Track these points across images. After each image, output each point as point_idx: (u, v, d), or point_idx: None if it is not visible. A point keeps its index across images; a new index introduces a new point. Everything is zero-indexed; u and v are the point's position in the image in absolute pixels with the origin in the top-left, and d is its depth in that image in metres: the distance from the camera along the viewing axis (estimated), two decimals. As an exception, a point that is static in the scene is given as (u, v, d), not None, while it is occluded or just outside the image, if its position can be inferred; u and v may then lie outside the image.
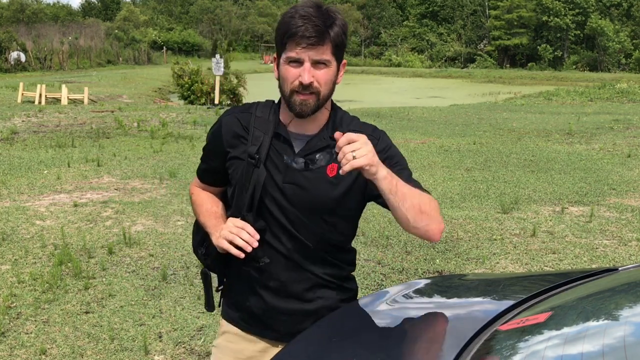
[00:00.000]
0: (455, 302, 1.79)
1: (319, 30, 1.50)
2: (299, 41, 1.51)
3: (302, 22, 1.50)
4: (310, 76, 1.53)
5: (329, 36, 1.52)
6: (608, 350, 1.13)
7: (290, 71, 1.54)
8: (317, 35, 1.50)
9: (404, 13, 65.54)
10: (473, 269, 4.78)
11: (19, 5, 60.82)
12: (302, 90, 1.54)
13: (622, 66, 48.72)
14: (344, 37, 1.57)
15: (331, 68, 1.56)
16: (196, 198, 1.83)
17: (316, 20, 1.50)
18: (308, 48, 1.51)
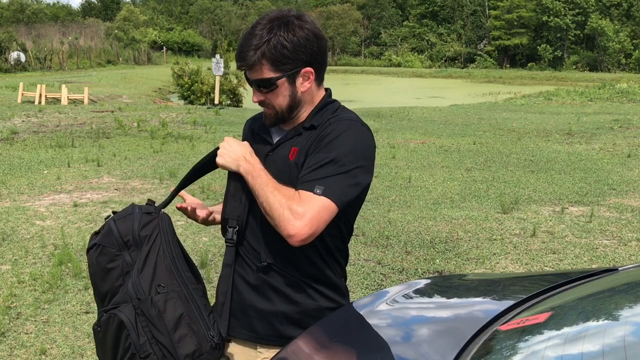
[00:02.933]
0: (455, 302, 1.79)
1: (242, 56, 1.60)
2: (238, 64, 1.64)
3: (239, 46, 1.62)
4: (258, 96, 1.65)
5: (257, 56, 1.57)
6: (608, 350, 1.13)
7: (252, 88, 1.68)
8: (241, 61, 1.61)
9: (404, 13, 65.54)
10: (473, 269, 4.78)
11: (19, 5, 60.83)
12: (261, 105, 1.68)
13: (622, 66, 48.72)
14: (286, 51, 1.56)
15: (274, 88, 1.61)
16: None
17: (243, 46, 1.59)
18: (247, 71, 1.63)
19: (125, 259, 1.59)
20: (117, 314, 1.55)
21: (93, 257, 1.63)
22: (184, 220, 5.98)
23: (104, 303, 1.62)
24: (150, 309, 1.55)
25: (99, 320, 1.61)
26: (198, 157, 9.57)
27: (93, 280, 1.65)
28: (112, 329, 1.55)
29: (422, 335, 1.44)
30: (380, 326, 1.60)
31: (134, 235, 1.61)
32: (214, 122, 13.46)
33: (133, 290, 1.55)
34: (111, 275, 1.59)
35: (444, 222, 5.98)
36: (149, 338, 1.53)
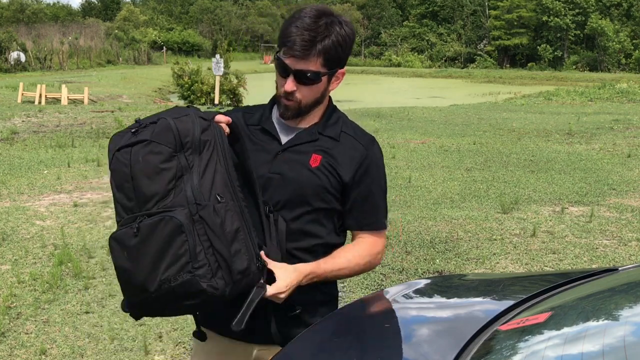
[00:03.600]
0: (455, 302, 1.79)
1: (305, 45, 1.56)
2: (288, 50, 1.58)
3: (295, 31, 1.57)
4: (292, 86, 1.61)
5: (316, 50, 1.57)
6: (608, 350, 1.13)
7: (280, 77, 1.65)
8: (301, 50, 1.57)
9: (404, 13, 65.52)
10: (473, 269, 4.78)
11: (19, 5, 60.82)
12: (285, 96, 1.64)
13: (622, 66, 48.71)
14: (340, 49, 1.61)
15: (316, 82, 1.62)
16: None
17: (307, 33, 1.56)
18: (294, 58, 1.58)
19: (181, 162, 1.44)
20: (175, 216, 1.41)
21: (139, 155, 1.45)
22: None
23: (144, 206, 1.44)
24: (213, 216, 1.44)
25: (137, 225, 1.43)
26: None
27: (129, 182, 1.45)
28: (163, 233, 1.40)
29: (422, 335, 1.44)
30: (380, 326, 1.60)
31: (193, 138, 1.47)
32: (214, 122, 13.45)
33: (193, 195, 1.43)
34: (162, 177, 1.43)
35: (444, 222, 5.98)
36: (205, 248, 1.42)
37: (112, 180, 1.51)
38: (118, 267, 1.48)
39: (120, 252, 1.45)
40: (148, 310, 1.52)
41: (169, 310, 1.55)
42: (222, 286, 1.43)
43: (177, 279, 1.40)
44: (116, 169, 1.48)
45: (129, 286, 1.47)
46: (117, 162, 1.48)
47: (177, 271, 1.40)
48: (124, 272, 1.46)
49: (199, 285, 1.41)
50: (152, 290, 1.41)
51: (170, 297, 1.42)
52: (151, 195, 1.43)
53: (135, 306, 1.50)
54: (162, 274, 1.40)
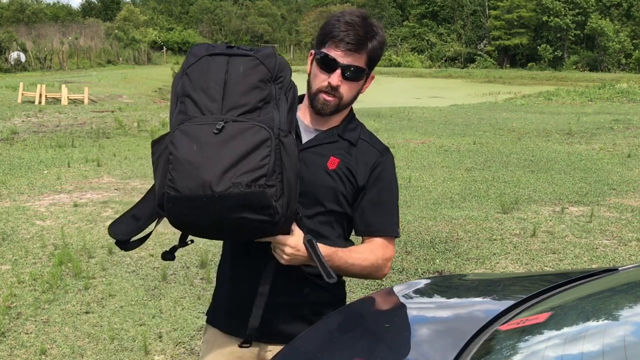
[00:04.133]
0: (455, 302, 1.79)
1: (359, 39, 1.60)
2: (339, 44, 1.60)
3: (346, 28, 1.60)
4: (338, 80, 1.62)
5: (367, 47, 1.62)
6: (608, 350, 1.13)
7: (321, 73, 1.65)
8: (356, 44, 1.60)
9: (404, 13, 65.51)
10: (473, 269, 4.78)
11: (19, 5, 60.80)
12: (329, 90, 1.64)
13: (622, 66, 48.68)
14: (380, 53, 1.66)
15: (359, 79, 1.66)
16: None
17: (359, 29, 1.60)
18: (345, 53, 1.60)
19: (271, 90, 1.48)
20: (266, 128, 1.42)
21: (240, 65, 1.47)
22: (184, 220, 5.99)
23: (228, 112, 1.45)
24: (293, 146, 1.46)
25: (222, 124, 1.41)
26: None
27: (220, 85, 1.46)
28: (251, 139, 1.40)
29: (422, 335, 1.44)
30: (381, 326, 1.60)
31: (287, 75, 1.52)
32: (214, 122, 13.46)
33: (279, 121, 1.46)
34: (255, 93, 1.46)
35: (444, 222, 5.98)
36: (277, 172, 1.42)
37: (186, 80, 1.49)
38: (180, 159, 1.41)
39: (188, 144, 1.41)
40: (192, 210, 1.42)
41: (217, 218, 1.43)
42: (281, 213, 1.44)
43: (250, 187, 1.38)
44: (204, 70, 1.48)
45: (188, 179, 1.40)
46: (207, 64, 1.48)
47: (251, 180, 1.38)
48: (188, 164, 1.40)
49: (268, 200, 1.40)
50: (218, 190, 1.37)
51: (232, 203, 1.39)
52: (240, 105, 1.44)
53: (181, 203, 1.42)
54: (236, 177, 1.38)
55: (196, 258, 4.93)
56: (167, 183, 1.43)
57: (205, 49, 1.51)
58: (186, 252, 5.08)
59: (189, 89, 1.48)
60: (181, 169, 1.41)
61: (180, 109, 1.49)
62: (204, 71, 1.48)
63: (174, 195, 1.42)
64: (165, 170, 1.45)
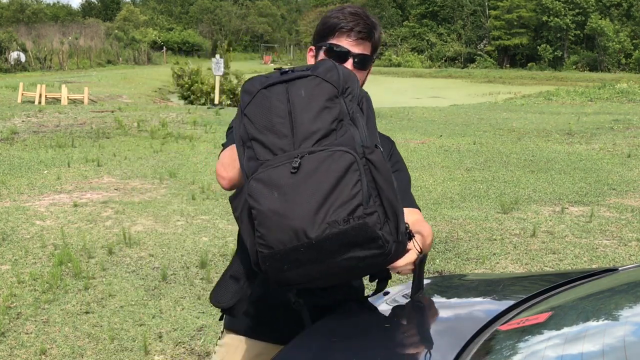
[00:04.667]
0: (455, 302, 1.79)
1: (368, 27, 1.62)
2: (349, 34, 1.60)
3: (353, 18, 1.61)
4: (352, 69, 1.61)
5: (373, 36, 1.65)
6: (608, 350, 1.13)
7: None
8: (366, 32, 1.62)
9: (404, 13, 65.52)
10: (473, 269, 4.78)
11: (19, 5, 60.84)
12: None
13: (622, 66, 48.69)
14: (380, 41, 1.70)
15: (367, 67, 1.67)
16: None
17: (366, 19, 1.63)
18: (357, 42, 1.61)
19: (342, 106, 1.33)
20: (348, 151, 1.26)
21: (301, 89, 1.33)
22: (183, 220, 5.99)
23: (302, 144, 1.29)
24: (383, 161, 1.30)
25: (298, 161, 1.26)
26: (198, 157, 9.62)
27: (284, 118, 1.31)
28: (335, 168, 1.25)
29: (422, 336, 1.44)
30: (380, 326, 1.60)
31: (354, 86, 1.38)
32: (214, 122, 13.47)
33: (360, 138, 1.31)
34: (325, 115, 1.31)
35: (444, 222, 5.98)
36: (374, 195, 1.27)
37: (247, 122, 1.35)
38: (264, 212, 1.27)
39: (268, 193, 1.27)
40: (293, 263, 1.28)
41: (323, 265, 1.29)
42: (391, 241, 1.28)
43: (348, 222, 1.23)
44: (264, 106, 1.34)
45: (278, 232, 1.26)
46: (265, 99, 1.35)
47: (348, 213, 1.23)
48: (273, 215, 1.26)
49: (373, 231, 1.24)
50: (314, 235, 1.23)
51: (334, 245, 1.24)
52: (313, 132, 1.30)
53: (279, 260, 1.28)
54: (330, 215, 1.23)
55: (196, 258, 4.93)
56: (258, 241, 1.29)
57: (259, 83, 1.38)
58: (186, 252, 5.08)
59: (252, 131, 1.34)
60: (268, 223, 1.27)
61: (249, 155, 1.34)
62: (264, 108, 1.34)
63: (268, 253, 1.28)
64: (251, 227, 1.32)
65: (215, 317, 3.87)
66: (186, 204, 6.60)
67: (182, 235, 5.50)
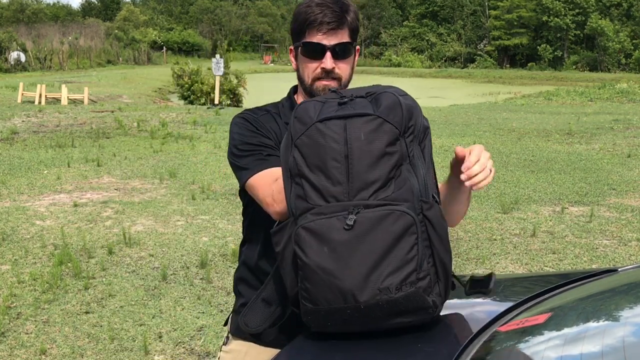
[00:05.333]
0: (455, 302, 1.79)
1: (337, 15, 1.52)
2: (320, 27, 1.52)
3: (320, 10, 1.52)
4: (332, 62, 1.53)
5: (347, 21, 1.55)
6: (608, 351, 1.13)
7: (310, 62, 1.56)
8: (336, 20, 1.52)
9: (404, 13, 65.52)
10: (473, 269, 4.78)
11: (19, 5, 60.83)
12: (324, 76, 1.54)
13: (622, 66, 48.69)
14: (358, 23, 1.59)
15: (350, 55, 1.58)
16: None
17: (333, 6, 1.53)
18: (329, 33, 1.53)
19: (402, 149, 1.22)
20: (407, 212, 1.17)
21: (361, 131, 1.20)
22: (184, 219, 5.99)
23: (357, 194, 1.20)
24: (441, 218, 1.23)
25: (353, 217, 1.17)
26: (198, 157, 9.62)
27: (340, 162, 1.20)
28: (391, 230, 1.17)
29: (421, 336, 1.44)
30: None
31: (417, 122, 1.25)
32: (214, 122, 13.47)
33: (419, 189, 1.22)
34: (385, 162, 1.20)
35: (444, 222, 5.98)
36: (427, 256, 1.20)
37: (298, 155, 1.25)
38: (311, 267, 1.20)
39: (318, 247, 1.19)
40: (337, 321, 1.23)
41: (363, 326, 1.25)
42: (439, 304, 1.24)
43: (400, 290, 1.17)
44: (318, 143, 1.23)
45: (325, 291, 1.20)
46: (320, 136, 1.23)
47: (401, 280, 1.17)
48: (321, 272, 1.19)
49: (424, 300, 1.19)
50: (363, 299, 1.17)
51: (382, 311, 1.19)
52: (371, 182, 1.19)
53: (323, 316, 1.23)
54: (382, 281, 1.16)
55: (196, 258, 4.93)
56: (302, 294, 1.24)
57: (314, 111, 1.26)
58: (186, 252, 5.08)
59: (303, 168, 1.24)
60: (315, 279, 1.20)
61: (298, 192, 1.26)
62: (318, 145, 1.23)
63: (312, 309, 1.23)
64: (294, 272, 1.27)
65: (215, 317, 3.87)
66: (186, 204, 6.60)
67: (182, 235, 5.50)
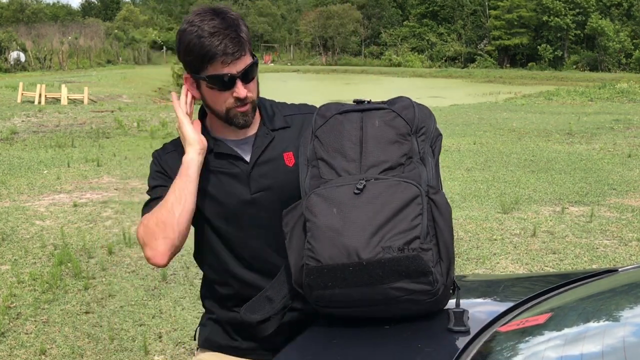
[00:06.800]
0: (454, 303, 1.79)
1: (237, 41, 1.44)
2: (224, 59, 1.44)
3: (218, 40, 1.42)
4: (244, 90, 1.49)
5: (244, 41, 1.47)
6: (608, 351, 1.13)
7: (219, 94, 1.50)
8: (238, 48, 1.45)
9: (404, 13, 65.50)
10: (473, 269, 4.78)
11: (19, 5, 60.83)
12: (239, 103, 1.50)
13: (623, 66, 48.69)
14: (248, 31, 1.51)
15: (255, 72, 1.54)
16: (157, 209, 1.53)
17: (229, 32, 1.43)
18: (235, 62, 1.45)
19: (413, 144, 1.35)
20: (414, 184, 1.27)
21: (375, 119, 1.35)
22: (184, 220, 5.98)
23: (367, 170, 1.31)
24: (446, 204, 1.30)
25: (363, 182, 1.27)
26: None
27: (356, 144, 1.34)
28: (400, 196, 1.25)
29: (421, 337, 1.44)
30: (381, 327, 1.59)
31: (429, 126, 1.40)
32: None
33: (427, 177, 1.34)
34: (395, 148, 1.33)
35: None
36: (431, 234, 1.26)
37: (317, 143, 1.38)
38: (319, 225, 1.26)
39: (327, 209, 1.26)
40: (338, 280, 1.24)
41: (367, 289, 1.25)
42: (440, 282, 1.26)
43: (402, 251, 1.21)
44: (336, 130, 1.37)
45: (330, 247, 1.24)
46: (339, 123, 1.38)
47: (403, 243, 1.21)
48: (328, 230, 1.24)
49: (426, 266, 1.23)
50: (366, 256, 1.21)
51: (384, 271, 1.22)
52: (381, 162, 1.32)
53: (325, 275, 1.25)
54: (385, 240, 1.21)
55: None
56: (307, 253, 1.27)
57: (335, 109, 1.40)
58: (186, 252, 5.08)
59: (321, 152, 1.37)
60: (322, 237, 1.25)
61: (313, 173, 1.36)
62: (336, 131, 1.37)
63: (315, 266, 1.26)
64: (302, 241, 1.31)
65: (215, 318, 3.87)
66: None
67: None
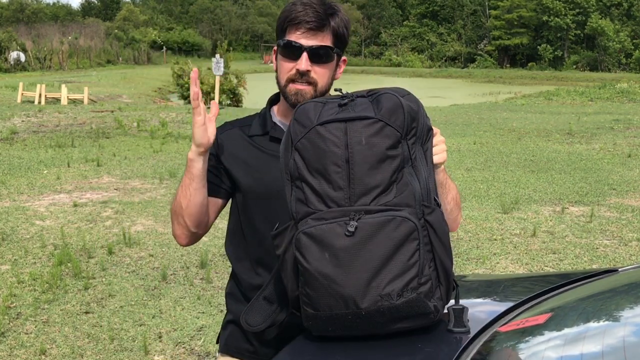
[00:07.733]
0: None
1: (319, 16, 1.45)
2: (299, 26, 1.45)
3: (303, 8, 1.45)
4: (307, 64, 1.46)
5: (329, 24, 1.47)
6: (608, 351, 1.13)
7: (287, 62, 1.49)
8: (316, 20, 1.45)
9: (404, 13, 65.53)
10: (473, 269, 4.78)
11: (18, 5, 60.81)
12: (298, 78, 1.47)
13: (623, 66, 48.71)
14: (346, 31, 1.51)
15: (329, 60, 1.50)
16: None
17: (317, 7, 1.46)
18: (308, 33, 1.46)
19: (404, 152, 1.20)
20: (408, 218, 1.16)
21: (362, 135, 1.19)
22: (184, 220, 5.98)
23: (358, 199, 1.19)
24: (442, 223, 1.21)
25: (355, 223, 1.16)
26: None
27: (341, 166, 1.19)
28: (393, 237, 1.16)
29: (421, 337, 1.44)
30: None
31: (419, 123, 1.24)
32: (214, 122, 13.47)
33: (421, 193, 1.21)
34: (387, 166, 1.19)
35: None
36: (429, 260, 1.19)
37: (298, 158, 1.25)
38: (312, 273, 1.19)
39: (319, 253, 1.18)
40: (338, 327, 1.23)
41: (364, 331, 1.24)
42: (440, 308, 1.23)
43: (401, 296, 1.16)
44: (318, 147, 1.21)
45: (326, 297, 1.19)
46: (320, 140, 1.21)
47: (402, 286, 1.16)
48: (322, 278, 1.18)
49: (426, 306, 1.19)
50: (364, 306, 1.17)
51: (383, 317, 1.19)
52: (372, 187, 1.18)
53: (324, 321, 1.23)
54: (384, 287, 1.16)
55: (196, 258, 4.93)
56: (303, 299, 1.24)
57: (314, 113, 1.24)
58: (186, 252, 5.08)
59: (304, 171, 1.23)
60: (316, 285, 1.19)
61: (298, 196, 1.25)
62: (318, 149, 1.21)
63: (314, 314, 1.23)
64: (294, 277, 1.27)
65: (215, 318, 3.87)
66: (186, 204, 6.60)
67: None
